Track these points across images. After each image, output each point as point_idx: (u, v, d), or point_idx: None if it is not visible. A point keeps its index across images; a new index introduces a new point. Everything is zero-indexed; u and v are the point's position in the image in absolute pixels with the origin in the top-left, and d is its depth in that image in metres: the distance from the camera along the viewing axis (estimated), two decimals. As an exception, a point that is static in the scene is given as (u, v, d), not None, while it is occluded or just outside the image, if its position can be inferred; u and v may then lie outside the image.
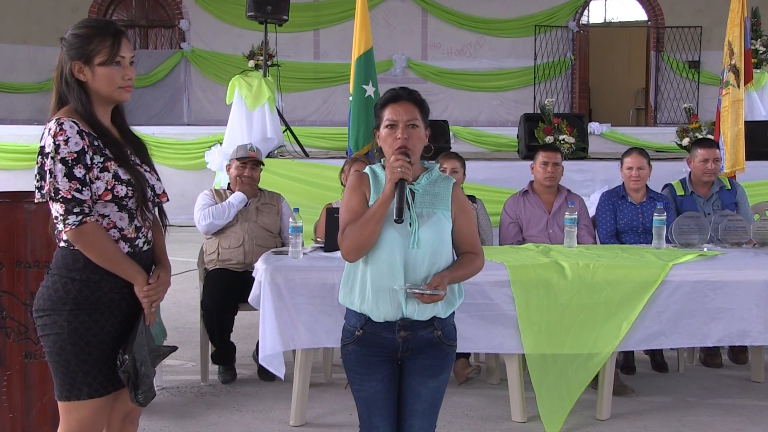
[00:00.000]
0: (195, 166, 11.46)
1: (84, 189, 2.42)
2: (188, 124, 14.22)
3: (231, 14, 14.25)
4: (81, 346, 2.46)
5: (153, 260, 2.66)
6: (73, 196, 2.40)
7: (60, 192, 2.40)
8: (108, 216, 2.49)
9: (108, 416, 2.66)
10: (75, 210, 2.41)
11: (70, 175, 2.40)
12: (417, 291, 2.57)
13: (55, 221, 2.50)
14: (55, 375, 2.51)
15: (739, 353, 5.24)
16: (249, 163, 5.08)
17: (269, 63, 8.90)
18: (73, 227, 2.41)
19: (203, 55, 14.85)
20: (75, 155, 2.41)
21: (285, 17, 8.82)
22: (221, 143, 9.00)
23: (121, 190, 2.49)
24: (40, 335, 2.51)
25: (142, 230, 2.58)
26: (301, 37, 14.45)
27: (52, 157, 2.40)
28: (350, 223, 2.63)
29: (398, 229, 2.61)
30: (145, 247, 2.61)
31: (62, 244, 2.50)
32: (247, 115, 8.38)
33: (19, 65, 14.25)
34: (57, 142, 2.39)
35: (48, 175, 2.41)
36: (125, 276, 2.51)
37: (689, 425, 4.22)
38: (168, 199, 2.71)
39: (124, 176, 2.50)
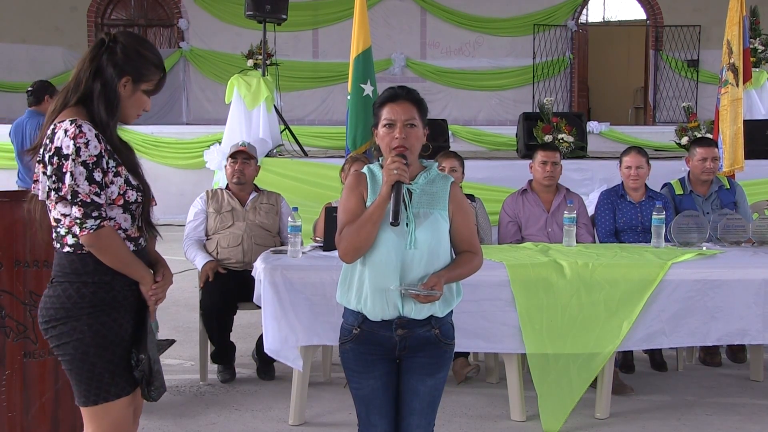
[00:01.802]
0: (194, 166, 11.45)
1: (101, 193, 2.43)
2: (187, 123, 14.21)
3: (230, 13, 14.23)
4: (104, 347, 2.46)
5: (149, 259, 2.66)
6: (92, 200, 2.40)
7: (79, 195, 2.39)
8: (114, 218, 2.50)
9: None
10: (94, 214, 2.40)
11: (90, 179, 2.39)
12: (413, 291, 2.57)
13: (55, 225, 2.48)
14: (79, 382, 2.49)
15: (737, 352, 5.24)
16: (239, 157, 5.10)
17: (268, 62, 8.91)
18: (92, 231, 2.40)
19: (202, 54, 14.84)
20: (95, 159, 2.40)
21: (284, 16, 8.83)
22: (220, 142, 9.01)
23: (132, 195, 2.51)
24: (57, 345, 2.48)
25: (143, 229, 2.60)
26: (299, 36, 14.44)
27: (73, 159, 2.37)
28: (348, 224, 2.63)
29: (395, 230, 2.61)
30: (144, 245, 2.63)
31: (67, 249, 2.48)
32: (246, 114, 8.39)
33: (18, 65, 14.23)
34: (78, 145, 2.38)
35: (68, 178, 2.38)
36: (134, 276, 2.53)
37: (688, 424, 4.22)
38: (156, 203, 2.74)
39: (134, 182, 2.52)
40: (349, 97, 7.01)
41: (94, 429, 2.53)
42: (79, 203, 2.39)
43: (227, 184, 5.22)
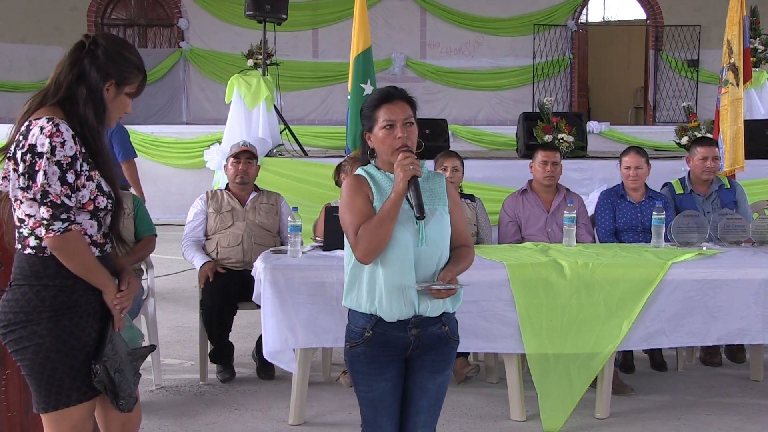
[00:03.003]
0: (194, 165, 11.46)
1: (72, 195, 2.37)
2: (187, 123, 14.22)
3: (230, 13, 14.24)
4: (65, 352, 2.40)
5: (115, 266, 2.61)
6: (62, 201, 2.34)
7: (50, 195, 2.32)
8: (80, 223, 2.44)
9: (106, 425, 2.64)
10: (62, 216, 2.34)
11: (63, 180, 2.33)
12: (435, 287, 2.57)
13: (19, 225, 2.41)
14: (38, 387, 2.43)
15: (736, 352, 5.24)
16: (243, 157, 5.10)
17: (268, 62, 8.90)
18: (58, 234, 2.34)
19: (202, 54, 14.84)
20: (69, 160, 2.34)
21: (284, 16, 8.82)
22: (220, 142, 9.00)
23: (102, 201, 2.45)
24: (15, 350, 2.41)
25: (109, 236, 2.56)
26: (299, 36, 14.44)
27: (48, 158, 2.31)
28: (361, 225, 2.59)
29: (407, 228, 2.61)
30: (109, 251, 2.58)
31: (28, 251, 2.41)
32: (246, 114, 8.38)
33: (18, 64, 14.24)
34: (53, 144, 2.31)
35: (41, 176, 2.31)
36: (97, 284, 2.47)
37: (688, 424, 4.22)
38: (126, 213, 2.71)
39: (105, 188, 2.46)
40: (349, 97, 7.01)
41: None
42: (49, 204, 2.33)
43: (227, 184, 5.22)
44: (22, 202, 2.38)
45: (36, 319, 2.38)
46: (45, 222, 2.34)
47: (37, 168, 2.32)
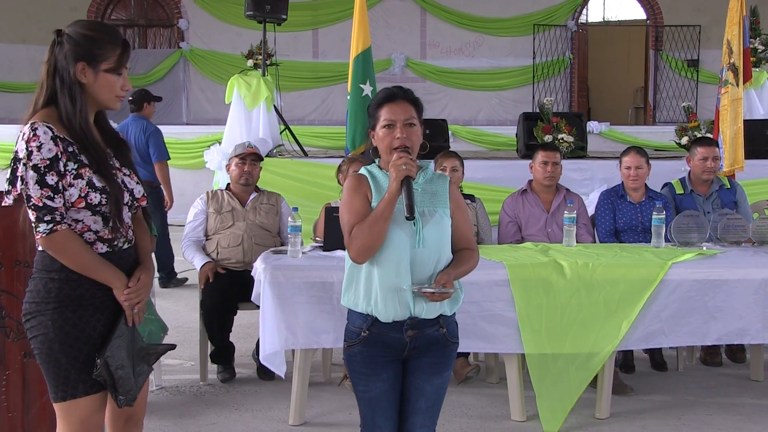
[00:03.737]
0: (194, 166, 11.45)
1: (56, 196, 2.39)
2: (187, 124, 14.22)
3: (230, 13, 14.24)
4: (69, 344, 2.45)
5: (136, 260, 2.63)
6: (44, 203, 2.38)
7: (31, 199, 2.38)
8: (82, 221, 2.46)
9: (111, 416, 2.64)
10: (46, 218, 2.39)
11: (41, 183, 2.37)
12: (428, 290, 2.56)
13: (32, 225, 2.47)
14: (48, 377, 2.49)
15: (736, 352, 5.24)
16: (248, 158, 5.10)
17: (268, 62, 8.90)
18: (44, 235, 2.39)
19: (202, 54, 14.85)
20: (48, 162, 2.37)
21: (284, 16, 8.81)
22: (220, 142, 8.99)
23: (95, 197, 2.45)
24: (29, 338, 2.50)
25: (121, 231, 2.54)
26: (299, 36, 14.45)
27: (24, 164, 2.37)
28: (356, 224, 2.60)
29: (404, 229, 2.60)
30: (125, 246, 2.58)
31: (40, 247, 2.49)
32: (246, 114, 8.38)
33: (18, 65, 14.24)
34: (30, 148, 2.36)
35: (19, 182, 2.38)
36: (102, 280, 2.49)
37: (688, 424, 4.22)
38: (148, 203, 2.70)
39: (98, 183, 2.46)
40: (348, 98, 7.01)
41: (63, 425, 2.52)
42: (32, 207, 2.39)
43: (228, 184, 5.22)
44: (26, 205, 2.43)
45: (43, 310, 2.45)
46: (33, 225, 2.42)
47: (17, 174, 2.39)
